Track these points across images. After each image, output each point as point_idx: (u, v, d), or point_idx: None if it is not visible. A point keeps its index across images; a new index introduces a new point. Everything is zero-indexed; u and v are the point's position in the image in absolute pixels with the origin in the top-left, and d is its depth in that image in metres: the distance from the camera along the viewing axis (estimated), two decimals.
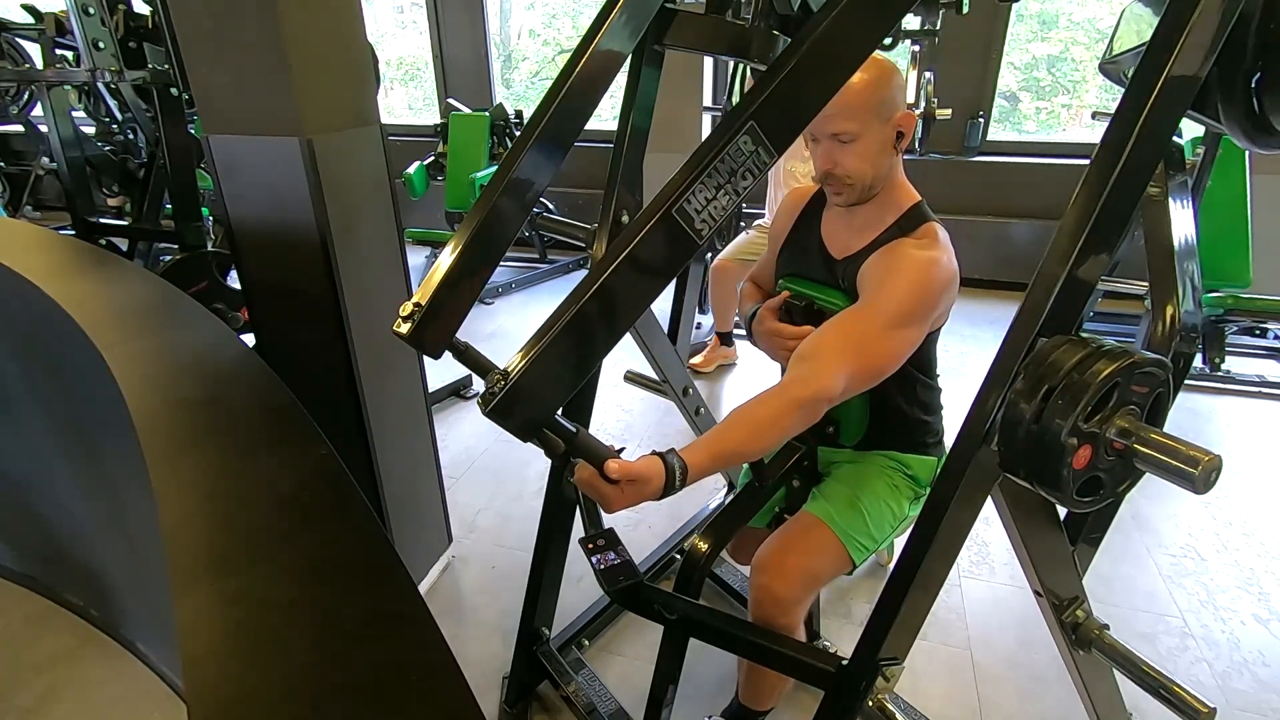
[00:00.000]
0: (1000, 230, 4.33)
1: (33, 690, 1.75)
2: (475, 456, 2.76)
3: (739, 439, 1.02)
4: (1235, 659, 1.82)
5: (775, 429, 1.04)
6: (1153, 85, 0.79)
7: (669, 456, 0.93)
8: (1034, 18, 4.72)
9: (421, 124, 5.47)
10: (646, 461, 0.92)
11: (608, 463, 0.89)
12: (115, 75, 2.61)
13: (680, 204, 0.81)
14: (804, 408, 1.04)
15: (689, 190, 0.81)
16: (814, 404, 1.05)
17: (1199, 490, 0.72)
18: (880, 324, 1.11)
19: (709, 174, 0.82)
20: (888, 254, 1.19)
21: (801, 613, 1.32)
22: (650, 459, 0.93)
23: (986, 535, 2.25)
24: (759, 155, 0.83)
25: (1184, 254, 1.34)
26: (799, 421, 1.05)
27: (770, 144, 0.83)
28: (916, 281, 1.13)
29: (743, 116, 0.82)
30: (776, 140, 0.84)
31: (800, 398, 1.04)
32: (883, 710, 1.01)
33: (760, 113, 0.82)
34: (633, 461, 0.91)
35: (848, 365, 1.07)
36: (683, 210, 0.81)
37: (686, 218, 0.82)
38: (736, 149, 0.82)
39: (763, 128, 0.82)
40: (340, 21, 1.56)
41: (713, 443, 1.00)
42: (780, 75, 0.82)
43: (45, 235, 1.90)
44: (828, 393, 1.05)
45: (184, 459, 0.96)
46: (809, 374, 1.06)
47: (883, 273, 1.17)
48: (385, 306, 1.74)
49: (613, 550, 1.23)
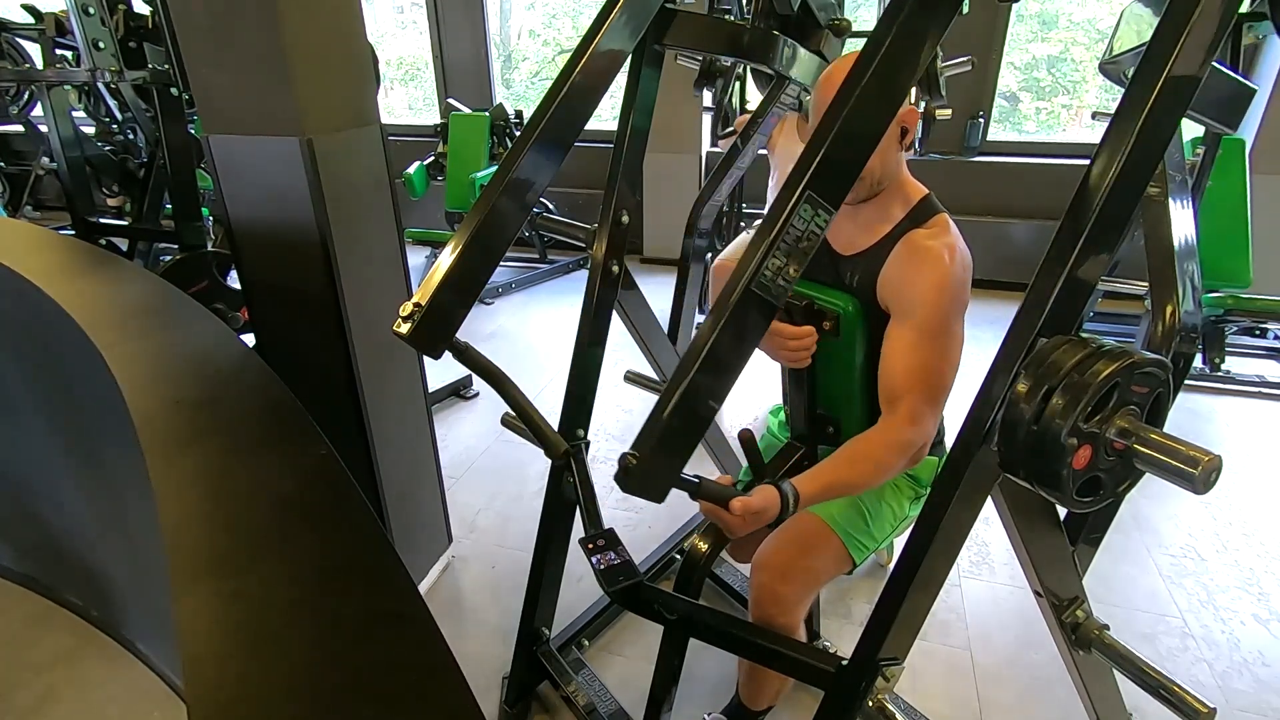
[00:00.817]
0: (1000, 230, 4.33)
1: (33, 690, 1.76)
2: (475, 456, 2.76)
3: (851, 477, 1.16)
4: (1235, 659, 1.82)
5: (887, 471, 1.17)
6: (1153, 85, 0.79)
7: (784, 487, 1.08)
8: (1034, 18, 4.72)
9: (421, 124, 5.47)
10: (764, 495, 1.06)
11: (732, 503, 1.03)
12: (115, 75, 2.61)
13: (757, 279, 0.90)
14: (909, 450, 1.17)
15: (762, 266, 0.89)
16: (919, 446, 1.18)
17: (1199, 490, 0.72)
18: (933, 339, 1.17)
19: (778, 247, 0.90)
20: (905, 259, 1.19)
21: (801, 612, 1.32)
22: (767, 490, 1.07)
23: (986, 535, 2.25)
24: (819, 217, 0.91)
25: (1184, 254, 1.34)
26: (905, 464, 1.20)
27: (828, 204, 0.91)
28: (943, 283, 1.16)
29: (798, 188, 0.89)
30: (832, 199, 0.91)
31: (904, 441, 1.16)
32: (883, 710, 1.01)
33: (814, 181, 0.89)
34: (752, 498, 1.05)
35: (928, 397, 1.17)
36: (760, 284, 0.90)
37: (764, 289, 0.90)
38: (799, 218, 0.89)
39: (818, 192, 0.90)
40: (340, 21, 1.56)
41: (824, 477, 1.15)
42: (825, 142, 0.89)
43: (45, 235, 1.90)
44: (924, 436, 1.18)
45: (184, 459, 0.96)
46: (904, 420, 1.17)
47: (907, 283, 1.19)
48: (385, 306, 1.74)
49: (613, 550, 1.23)
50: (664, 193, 4.70)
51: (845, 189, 0.94)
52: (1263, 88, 3.65)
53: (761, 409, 3.12)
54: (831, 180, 0.91)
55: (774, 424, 1.63)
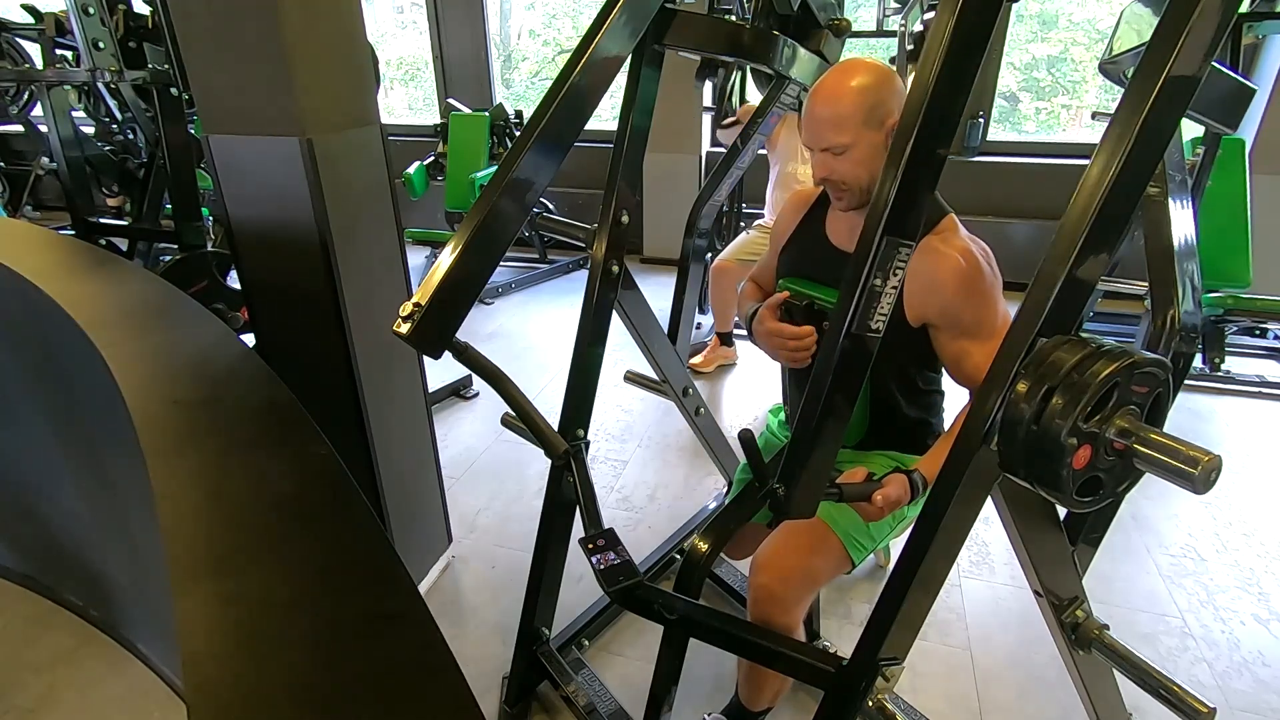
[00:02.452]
0: (1000, 230, 4.33)
1: (33, 690, 1.75)
2: (475, 456, 2.76)
3: None
4: (1235, 659, 1.82)
5: None
6: (1153, 85, 0.79)
7: (914, 476, 1.14)
8: (1034, 18, 4.72)
9: (421, 124, 5.47)
10: (898, 484, 1.12)
11: (874, 497, 1.09)
12: (115, 75, 2.61)
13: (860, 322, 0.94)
14: None
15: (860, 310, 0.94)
16: None
17: (1199, 490, 0.72)
18: (994, 332, 1.20)
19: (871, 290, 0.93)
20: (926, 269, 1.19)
21: (801, 612, 1.32)
22: (898, 479, 1.13)
23: (986, 535, 2.25)
24: (900, 252, 0.94)
25: (1184, 254, 1.34)
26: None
27: (906, 239, 0.94)
28: (974, 284, 1.19)
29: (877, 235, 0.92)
30: (909, 233, 0.94)
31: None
32: (882, 710, 1.01)
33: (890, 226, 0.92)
34: (889, 489, 1.10)
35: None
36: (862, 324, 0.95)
37: (865, 328, 0.95)
38: (885, 257, 0.93)
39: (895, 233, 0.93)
40: (340, 21, 1.56)
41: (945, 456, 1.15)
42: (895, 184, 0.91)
43: (45, 235, 1.90)
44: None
45: (184, 459, 0.96)
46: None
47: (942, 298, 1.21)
48: (385, 306, 1.74)
49: (613, 550, 1.23)
50: (664, 193, 4.70)
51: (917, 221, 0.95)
52: (1263, 88, 3.65)
53: (761, 409, 3.12)
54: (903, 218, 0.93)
55: (774, 424, 1.63)
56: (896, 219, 0.92)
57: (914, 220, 0.93)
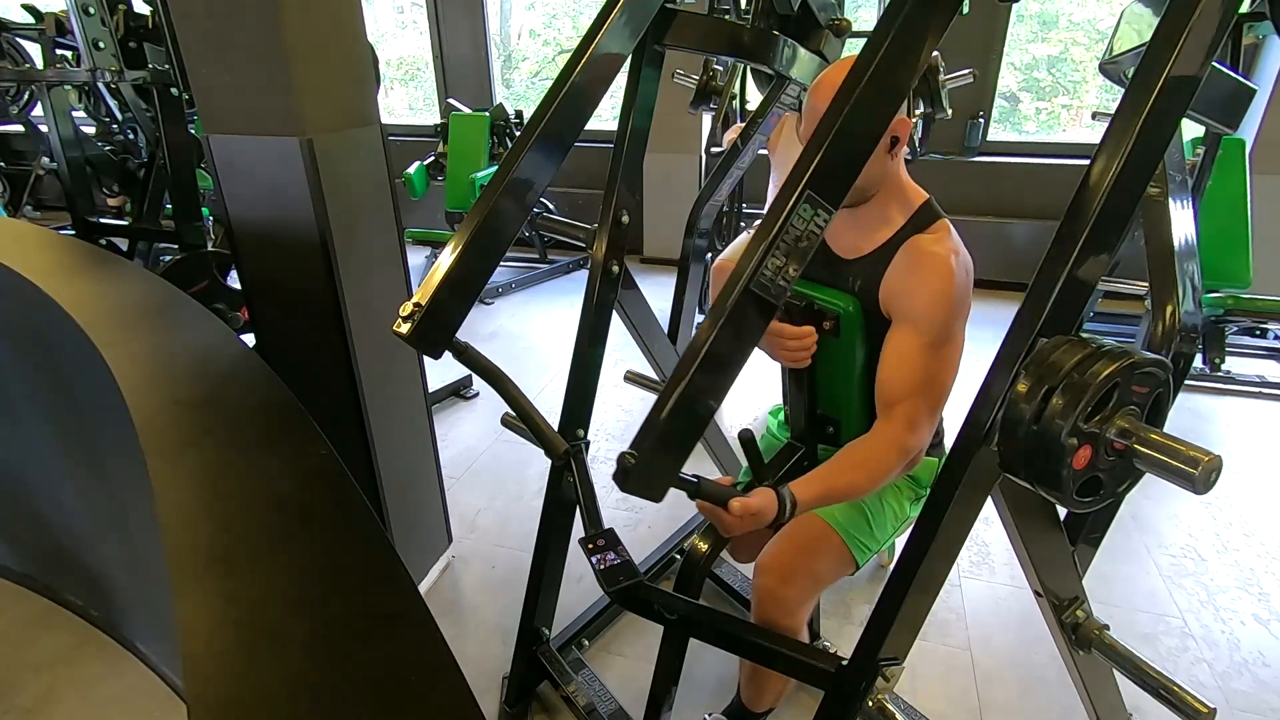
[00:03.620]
0: (1000, 230, 4.33)
1: (33, 690, 1.75)
2: (475, 456, 2.76)
3: (849, 483, 1.15)
4: (1235, 659, 1.82)
5: (884, 476, 1.16)
6: (1153, 85, 0.79)
7: (782, 492, 1.08)
8: (1034, 18, 4.72)
9: (422, 124, 5.47)
10: (763, 497, 1.06)
11: (730, 503, 1.03)
12: (115, 75, 2.61)
13: (756, 278, 0.89)
14: (907, 455, 1.16)
15: (762, 264, 0.89)
16: (915, 450, 1.17)
17: (1199, 491, 0.72)
18: (934, 346, 1.17)
19: (777, 247, 0.89)
20: (909, 264, 1.19)
21: (804, 614, 1.31)
22: (766, 494, 1.07)
23: (986, 535, 2.25)
24: (819, 216, 0.91)
25: (1184, 254, 1.34)
26: (903, 468, 1.19)
27: (827, 204, 0.91)
28: (945, 291, 1.16)
29: (798, 187, 0.89)
30: (832, 198, 0.91)
31: (904, 446, 1.16)
32: (882, 710, 1.01)
33: (813, 181, 0.89)
34: (751, 499, 1.05)
35: (927, 403, 1.17)
36: (759, 283, 0.90)
37: (764, 288, 0.90)
38: (798, 217, 0.89)
39: (818, 192, 0.90)
40: (340, 21, 1.56)
41: (822, 482, 1.14)
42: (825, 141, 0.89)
43: (45, 235, 1.90)
44: (921, 440, 1.18)
45: (184, 458, 0.96)
46: (900, 425, 1.16)
47: (909, 289, 1.18)
48: (385, 306, 1.74)
49: (613, 550, 1.23)
50: (664, 193, 4.70)
51: (845, 188, 0.93)
52: (1263, 88, 3.64)
53: (761, 409, 3.12)
54: (831, 179, 0.91)
55: (774, 424, 1.63)
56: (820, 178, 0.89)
57: (838, 187, 0.92)
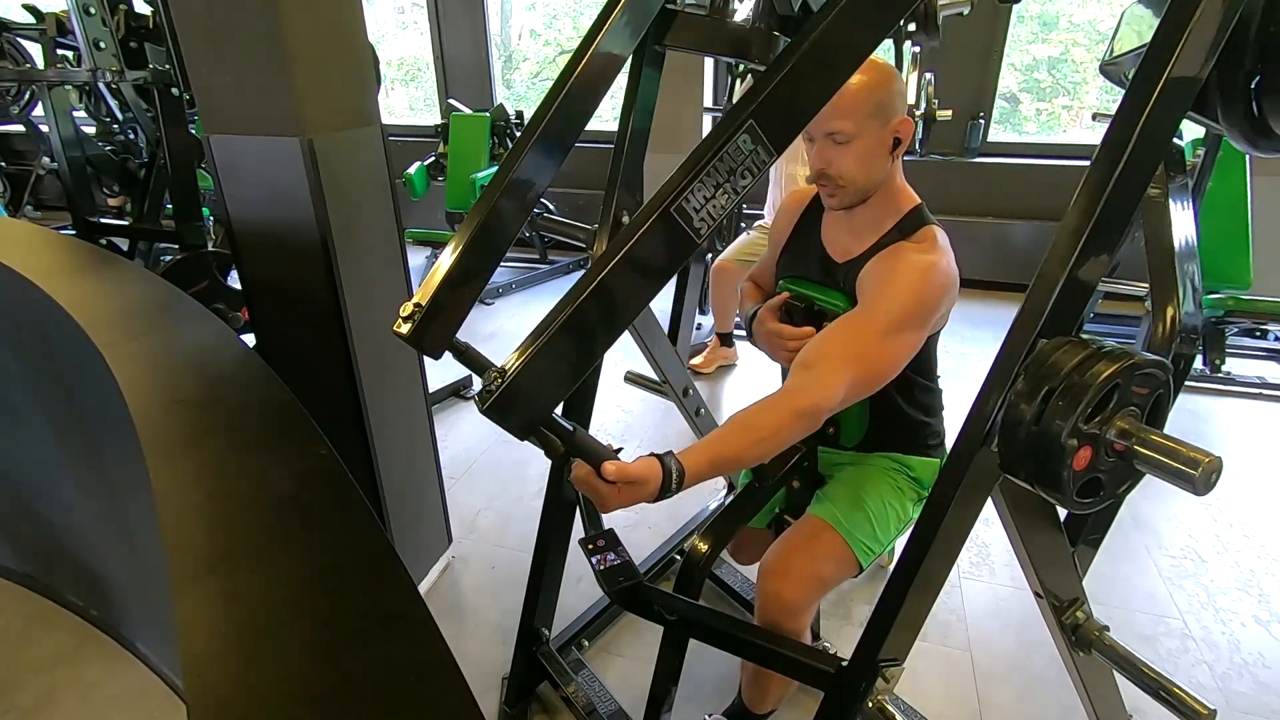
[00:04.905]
0: (1000, 231, 4.33)
1: (33, 690, 1.75)
2: (475, 456, 2.76)
3: (739, 446, 1.03)
4: (1235, 661, 1.82)
5: (776, 437, 1.05)
6: (1153, 87, 0.79)
7: (667, 459, 0.94)
8: (1034, 19, 4.72)
9: (422, 124, 5.47)
10: (644, 463, 0.93)
11: (604, 464, 0.89)
12: (116, 75, 2.62)
13: (679, 202, 0.81)
14: (805, 417, 1.06)
15: (688, 189, 0.81)
16: (814, 413, 1.06)
17: (1199, 492, 0.72)
18: (879, 330, 1.11)
19: (707, 173, 0.82)
20: (887, 258, 1.19)
21: (809, 617, 1.31)
22: (648, 460, 0.93)
23: (986, 536, 2.25)
24: (758, 154, 0.83)
25: (1184, 255, 1.34)
26: (800, 430, 1.07)
27: (769, 143, 0.83)
28: (914, 286, 1.13)
29: (742, 115, 0.82)
30: (775, 139, 0.84)
31: (801, 407, 1.05)
32: (882, 711, 1.00)
33: (759, 112, 0.82)
34: (630, 463, 0.91)
35: (848, 374, 1.08)
36: (681, 209, 0.82)
37: (685, 216, 0.82)
38: (736, 148, 0.82)
39: (762, 127, 0.82)
40: (340, 21, 1.56)
41: (711, 448, 1.01)
42: (779, 75, 0.82)
43: (45, 235, 1.90)
44: (828, 402, 1.07)
45: (184, 459, 0.96)
46: (810, 383, 1.08)
47: (881, 278, 1.17)
48: (385, 306, 1.74)
49: (613, 551, 1.23)
50: None
51: (791, 132, 0.85)
52: None
53: None
54: (777, 117, 0.83)
55: None
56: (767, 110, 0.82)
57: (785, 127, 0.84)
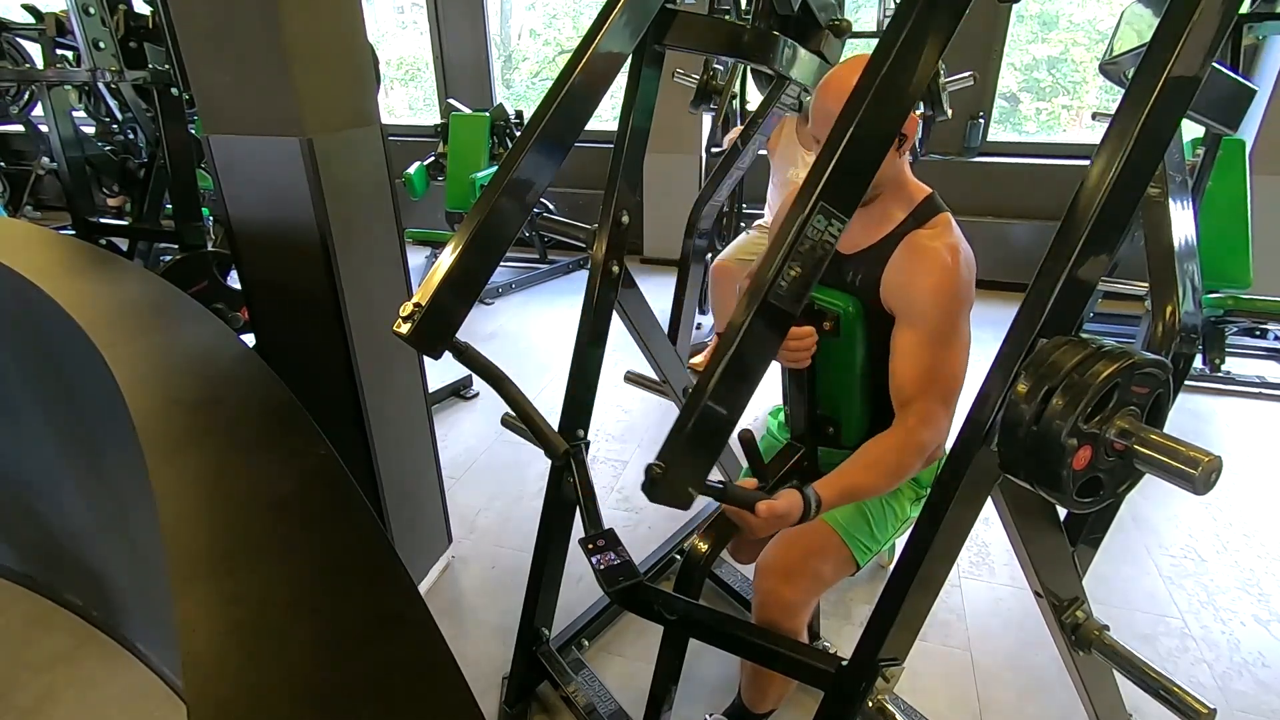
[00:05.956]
0: (1000, 231, 4.33)
1: (32, 690, 1.75)
2: (475, 456, 2.76)
3: (871, 481, 1.16)
4: (1235, 660, 1.82)
5: (900, 473, 1.17)
6: (1153, 86, 0.79)
7: (807, 491, 1.08)
8: (1034, 19, 4.71)
9: (422, 124, 5.47)
10: (788, 499, 1.06)
11: (757, 506, 1.02)
12: (115, 75, 2.62)
13: (774, 289, 0.91)
14: (924, 452, 1.17)
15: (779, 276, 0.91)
16: (933, 446, 1.19)
17: (1199, 491, 0.72)
18: (943, 346, 1.18)
19: (793, 258, 0.91)
20: (906, 257, 1.19)
21: (806, 616, 1.31)
22: (791, 494, 1.07)
23: (986, 536, 2.25)
24: (833, 227, 0.92)
25: (1184, 255, 1.34)
26: (921, 465, 1.19)
27: (841, 214, 0.92)
28: (944, 286, 1.17)
29: (811, 199, 0.90)
30: (845, 208, 0.92)
31: (920, 444, 1.16)
32: (882, 711, 1.01)
33: (826, 192, 0.90)
34: (777, 502, 1.04)
35: (942, 399, 1.19)
36: (776, 294, 0.91)
37: (780, 299, 0.92)
38: (812, 228, 0.91)
39: (831, 203, 0.91)
40: (340, 21, 1.56)
41: (844, 480, 1.14)
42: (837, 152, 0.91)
43: (45, 235, 1.90)
44: (942, 436, 1.20)
45: (184, 459, 0.96)
46: (917, 421, 1.17)
47: (909, 282, 1.19)
48: (385, 306, 1.74)
49: (613, 550, 1.23)
50: (664, 193, 4.70)
51: (858, 197, 0.94)
52: (1263, 88, 3.64)
53: (761, 409, 3.12)
54: (844, 189, 0.92)
55: (774, 424, 1.63)
56: (833, 189, 0.91)
57: (850, 196, 0.93)
